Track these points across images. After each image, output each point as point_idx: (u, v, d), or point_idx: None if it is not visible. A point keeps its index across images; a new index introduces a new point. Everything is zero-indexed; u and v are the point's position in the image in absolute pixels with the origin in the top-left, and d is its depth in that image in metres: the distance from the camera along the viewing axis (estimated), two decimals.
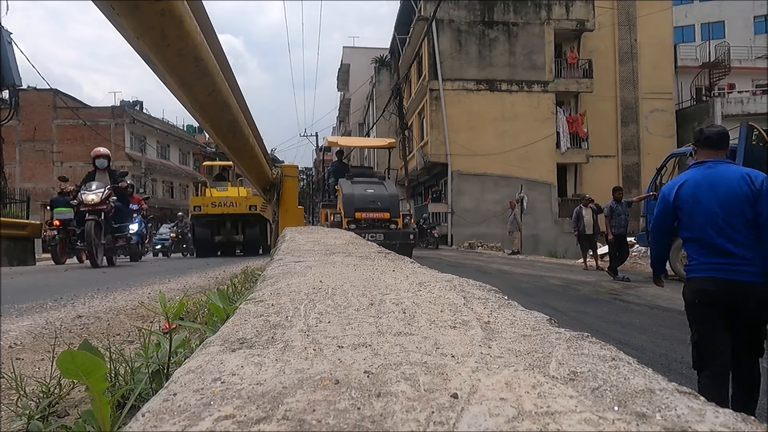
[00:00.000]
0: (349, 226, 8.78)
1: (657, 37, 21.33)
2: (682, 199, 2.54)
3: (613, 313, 5.93)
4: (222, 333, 0.73)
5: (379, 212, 9.43)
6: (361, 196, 9.56)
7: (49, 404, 1.17)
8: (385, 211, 9.55)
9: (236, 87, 2.95)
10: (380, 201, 9.60)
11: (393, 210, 9.71)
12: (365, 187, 9.89)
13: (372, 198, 9.60)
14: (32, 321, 2.58)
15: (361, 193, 9.64)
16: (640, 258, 12.66)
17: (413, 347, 0.65)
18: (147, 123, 34.07)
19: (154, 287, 4.31)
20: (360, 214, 9.32)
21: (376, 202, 9.53)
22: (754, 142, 8.43)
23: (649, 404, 0.45)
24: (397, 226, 9.57)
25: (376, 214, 9.41)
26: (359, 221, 9.25)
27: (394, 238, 9.11)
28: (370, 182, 10.43)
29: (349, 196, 9.55)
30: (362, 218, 9.30)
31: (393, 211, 9.70)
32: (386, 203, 9.69)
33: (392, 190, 10.36)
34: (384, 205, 9.62)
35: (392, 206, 9.74)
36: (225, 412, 0.45)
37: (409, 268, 1.53)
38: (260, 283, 1.32)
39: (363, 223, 9.30)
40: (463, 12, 20.20)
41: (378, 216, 9.42)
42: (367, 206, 9.41)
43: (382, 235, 8.94)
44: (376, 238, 8.50)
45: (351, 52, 38.56)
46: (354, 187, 9.85)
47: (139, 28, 1.59)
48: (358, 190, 9.71)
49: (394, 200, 9.94)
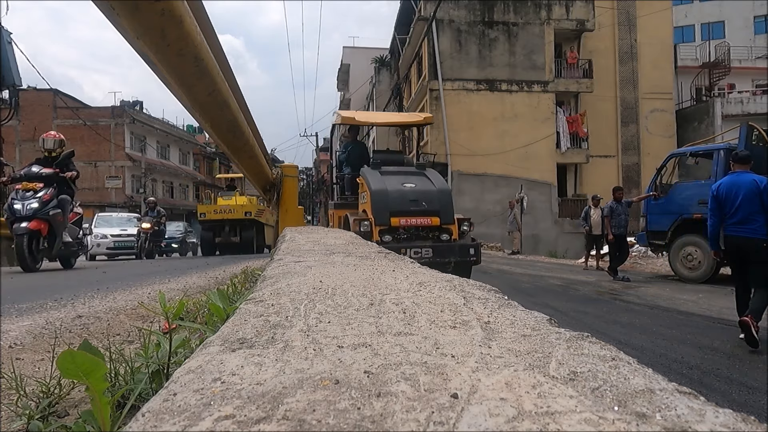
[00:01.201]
0: (382, 237, 6.07)
1: (657, 37, 21.32)
2: (721, 193, 4.47)
3: (613, 313, 5.93)
4: (222, 333, 0.73)
5: (425, 216, 6.41)
6: (398, 193, 6.50)
7: (49, 404, 1.17)
8: (434, 214, 6.43)
9: (236, 87, 2.96)
10: (426, 200, 6.49)
11: (445, 213, 6.52)
12: (402, 181, 6.79)
13: (414, 196, 6.52)
14: (32, 321, 2.58)
15: (398, 189, 6.56)
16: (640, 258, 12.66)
17: (413, 347, 0.65)
18: (147, 123, 34.06)
19: (154, 287, 4.30)
20: (398, 219, 6.29)
21: (420, 203, 6.47)
22: (754, 142, 8.43)
23: (649, 404, 0.45)
24: (451, 237, 6.44)
25: (421, 220, 6.41)
26: (397, 230, 6.31)
27: (448, 254, 6.24)
28: (406, 173, 7.22)
29: (380, 194, 6.45)
30: (402, 226, 6.32)
31: (445, 215, 6.50)
32: (435, 203, 6.51)
33: (441, 183, 7.02)
34: (432, 206, 6.49)
35: (444, 208, 6.55)
36: (225, 412, 0.45)
37: (409, 268, 1.53)
38: (260, 283, 1.32)
39: (402, 233, 6.34)
40: (463, 12, 20.19)
41: (424, 222, 6.42)
42: (407, 209, 6.36)
43: (429, 251, 6.11)
44: (422, 254, 5.89)
45: (351, 52, 38.55)
46: (386, 180, 6.70)
47: (139, 28, 1.60)
48: (393, 185, 6.61)
49: (445, 198, 6.71)
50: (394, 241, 6.09)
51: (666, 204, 9.38)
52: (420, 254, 5.92)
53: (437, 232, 6.49)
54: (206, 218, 15.42)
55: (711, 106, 20.89)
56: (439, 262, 5.72)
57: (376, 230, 6.20)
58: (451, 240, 6.48)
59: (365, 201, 6.79)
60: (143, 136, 33.40)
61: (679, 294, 7.42)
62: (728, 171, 8.19)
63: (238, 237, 15.53)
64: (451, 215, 6.59)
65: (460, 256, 6.35)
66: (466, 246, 6.50)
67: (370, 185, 6.62)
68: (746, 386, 3.27)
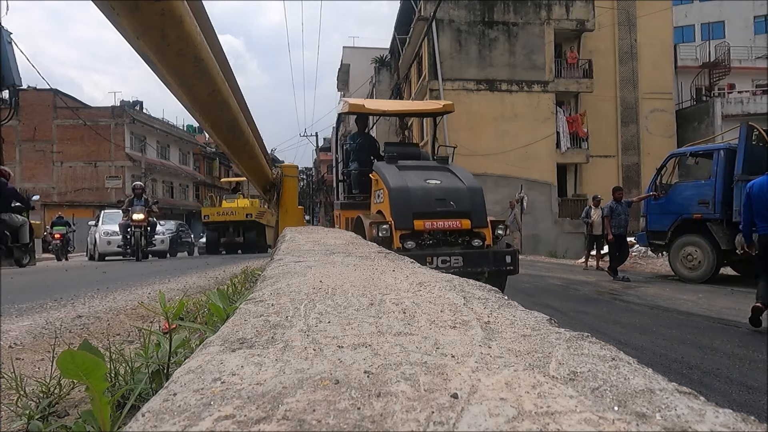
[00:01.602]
0: (404, 244, 5.21)
1: (657, 37, 21.32)
2: (754, 193, 5.00)
3: (613, 313, 5.93)
4: (222, 333, 0.73)
5: (453, 219, 5.50)
6: (421, 192, 5.59)
7: (49, 404, 1.17)
8: (464, 216, 5.53)
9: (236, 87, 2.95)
10: (455, 200, 5.56)
11: (477, 215, 5.61)
12: (424, 176, 5.83)
13: (440, 194, 5.60)
14: (32, 321, 2.58)
15: (421, 186, 5.64)
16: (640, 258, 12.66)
17: (413, 347, 0.65)
18: (147, 123, 34.06)
19: (154, 287, 4.30)
20: (422, 222, 5.40)
21: (447, 202, 5.56)
22: (754, 142, 8.43)
23: (649, 404, 0.45)
24: (484, 243, 5.52)
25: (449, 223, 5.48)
26: (421, 235, 5.42)
27: (481, 262, 5.36)
28: (427, 168, 6.27)
29: (401, 193, 5.54)
30: (427, 230, 5.42)
31: (477, 217, 5.59)
32: (465, 203, 5.58)
33: (470, 180, 6.00)
34: (462, 206, 5.58)
35: (475, 208, 5.64)
36: (225, 412, 0.45)
37: (409, 268, 1.53)
38: (260, 283, 1.32)
39: (428, 237, 5.44)
40: (463, 12, 20.19)
41: (453, 225, 5.49)
42: (433, 209, 5.46)
43: (459, 259, 5.23)
44: (451, 263, 5.08)
45: (351, 52, 38.55)
46: (405, 176, 5.76)
47: (139, 28, 1.59)
48: (414, 182, 5.69)
49: (477, 198, 5.76)
50: (417, 248, 5.19)
51: (666, 204, 9.38)
52: (448, 263, 5.08)
53: (467, 236, 5.52)
54: (210, 220, 16.64)
55: (711, 106, 20.89)
56: (470, 272, 4.93)
57: (396, 235, 5.21)
58: (484, 246, 5.49)
59: (381, 201, 5.74)
60: (143, 136, 33.40)
61: (679, 294, 7.42)
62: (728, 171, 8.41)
63: (242, 237, 16.66)
64: (483, 217, 5.61)
65: (494, 264, 5.40)
66: (501, 253, 5.49)
67: (388, 182, 5.54)
68: (746, 386, 3.27)
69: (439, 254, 5.16)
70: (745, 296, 7.13)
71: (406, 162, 6.28)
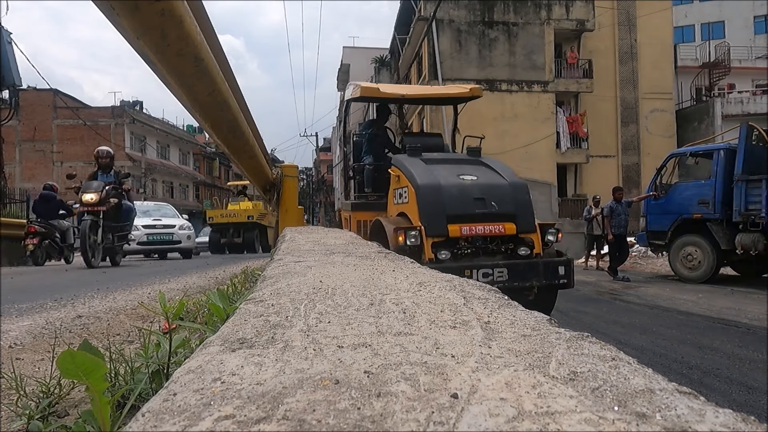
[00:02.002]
0: (437, 254, 4.29)
1: (657, 37, 21.32)
2: None
3: (613, 313, 5.93)
4: (222, 333, 0.73)
5: (495, 222, 4.51)
6: (456, 190, 4.56)
7: (49, 404, 1.17)
8: (508, 219, 4.53)
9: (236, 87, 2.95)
10: (497, 199, 4.56)
11: (524, 217, 4.61)
12: (456, 171, 4.79)
13: (479, 193, 4.57)
14: (32, 321, 2.58)
15: (455, 183, 4.61)
16: (640, 258, 12.66)
17: (413, 347, 0.65)
18: (147, 123, 34.06)
19: (154, 287, 4.30)
20: (458, 227, 4.41)
21: (487, 203, 4.56)
22: (754, 142, 8.43)
23: (649, 404, 0.45)
24: (532, 251, 4.54)
25: (490, 227, 4.49)
26: (456, 242, 4.43)
27: (529, 275, 4.39)
28: (457, 161, 5.20)
29: (431, 191, 4.53)
30: (464, 236, 4.43)
31: (524, 220, 4.59)
32: (508, 204, 4.60)
33: (511, 175, 4.97)
34: (505, 207, 4.56)
35: (521, 210, 4.63)
36: (225, 412, 0.45)
37: (409, 268, 1.53)
38: (260, 283, 1.32)
39: (465, 246, 4.45)
40: (463, 12, 20.19)
41: (495, 230, 4.50)
42: (471, 211, 4.47)
43: (504, 271, 4.28)
44: (494, 277, 4.18)
45: (351, 52, 38.55)
46: (434, 171, 4.74)
47: (139, 28, 1.59)
48: (447, 178, 4.66)
49: (522, 197, 4.74)
50: (453, 259, 4.21)
51: (666, 204, 9.38)
52: (491, 277, 4.11)
53: (511, 243, 4.47)
54: (214, 221, 17.67)
55: (711, 106, 20.89)
56: (517, 286, 4.14)
57: (428, 243, 4.17)
58: (533, 255, 4.45)
59: (405, 201, 4.70)
60: (143, 136, 33.40)
61: (679, 294, 7.42)
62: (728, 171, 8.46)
63: (241, 238, 17.48)
64: (531, 220, 4.58)
65: (545, 277, 4.36)
66: (553, 263, 4.44)
67: (415, 178, 4.51)
68: (746, 386, 3.27)
69: (480, 266, 4.15)
70: (745, 296, 7.14)
71: (432, 155, 5.20)
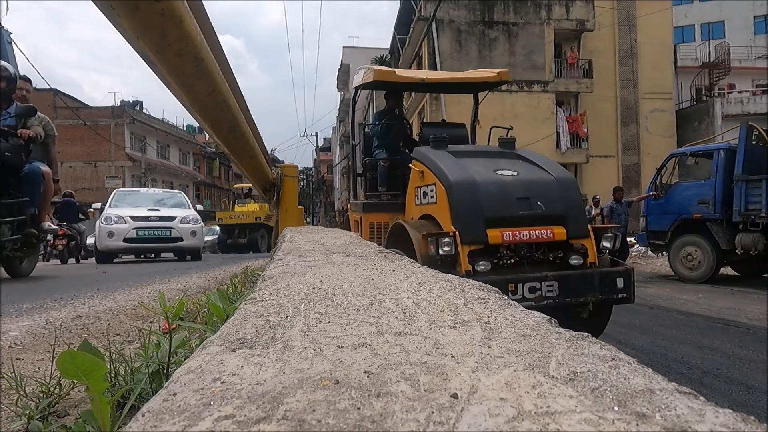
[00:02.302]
0: (475, 265, 3.47)
1: (657, 37, 21.33)
2: None
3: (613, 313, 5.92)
4: (222, 333, 0.73)
5: (542, 226, 3.73)
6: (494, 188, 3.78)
7: (49, 404, 1.17)
8: (557, 223, 3.77)
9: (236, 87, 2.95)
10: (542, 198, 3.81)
11: (575, 219, 3.83)
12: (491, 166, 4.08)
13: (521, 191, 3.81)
14: (32, 321, 2.58)
15: (494, 179, 3.85)
16: (640, 258, 12.67)
17: (413, 347, 0.65)
18: (147, 123, 34.06)
19: (154, 287, 4.30)
20: (499, 232, 3.60)
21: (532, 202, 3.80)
22: (754, 142, 8.43)
23: (649, 404, 0.45)
24: (585, 260, 3.74)
25: (537, 232, 3.71)
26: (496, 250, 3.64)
27: (583, 289, 3.66)
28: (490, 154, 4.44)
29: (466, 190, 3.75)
30: (506, 243, 3.62)
31: (575, 222, 3.80)
32: (557, 204, 3.79)
33: (558, 169, 4.13)
34: (554, 208, 3.77)
35: (572, 211, 3.86)
36: (225, 412, 0.45)
37: (409, 268, 1.53)
38: (260, 283, 1.32)
39: (506, 254, 3.66)
40: (463, 12, 20.20)
41: (542, 236, 3.71)
42: (514, 213, 3.71)
43: (554, 285, 3.55)
44: (542, 292, 3.53)
45: (351, 52, 38.58)
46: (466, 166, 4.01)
47: (139, 28, 1.59)
48: (482, 174, 3.90)
49: (572, 195, 3.95)
50: (494, 271, 3.44)
51: (666, 204, 9.38)
52: (539, 292, 3.41)
53: (560, 251, 3.67)
54: (223, 222, 18.71)
55: (711, 106, 20.89)
56: (569, 303, 3.50)
57: (464, 252, 3.39)
58: (587, 264, 3.67)
59: (432, 201, 3.97)
60: (143, 136, 33.40)
61: (679, 294, 7.43)
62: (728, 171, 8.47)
63: (245, 239, 18.37)
64: (583, 223, 3.85)
65: (601, 291, 3.62)
66: (610, 275, 3.69)
67: (445, 173, 3.77)
68: (746, 386, 3.27)
69: (527, 279, 3.40)
70: (745, 296, 7.14)
71: (459, 147, 4.53)
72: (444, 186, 3.77)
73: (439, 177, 3.86)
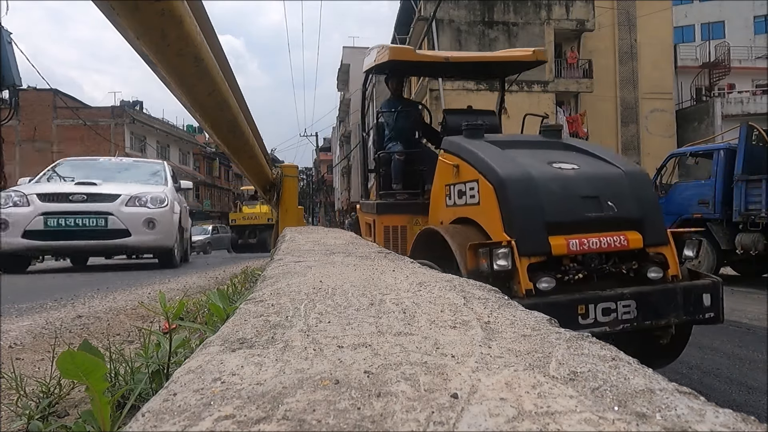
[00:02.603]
0: (537, 283, 2.61)
1: (657, 37, 21.33)
2: None
3: None
4: (222, 333, 0.73)
5: (614, 232, 2.81)
6: (555, 184, 2.86)
7: (49, 404, 1.17)
8: (631, 227, 2.87)
9: (236, 87, 2.95)
10: (612, 197, 2.88)
11: (651, 223, 2.94)
12: (544, 158, 3.15)
13: (587, 188, 2.90)
14: (32, 321, 2.58)
15: (551, 175, 2.93)
16: None
17: (413, 347, 0.65)
18: (147, 123, 34.06)
19: (154, 287, 4.30)
20: (564, 240, 2.71)
21: (602, 202, 2.86)
22: (754, 142, 8.43)
23: (649, 404, 0.45)
24: (665, 272, 2.86)
25: (608, 238, 2.78)
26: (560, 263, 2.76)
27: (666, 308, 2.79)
28: (536, 144, 3.57)
29: (521, 187, 2.83)
30: (572, 252, 2.72)
31: (652, 227, 2.92)
32: (629, 204, 2.89)
33: (625, 162, 3.27)
34: (626, 209, 2.88)
35: (648, 212, 2.95)
36: (225, 412, 0.45)
37: (409, 268, 1.53)
38: (260, 283, 1.32)
39: (573, 267, 2.76)
40: (463, 12, 20.21)
41: (614, 243, 2.78)
42: (581, 215, 2.81)
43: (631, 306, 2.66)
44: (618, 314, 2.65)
45: (351, 52, 38.55)
46: (516, 158, 3.10)
47: (139, 29, 1.59)
48: (538, 168, 2.96)
49: (645, 191, 3.07)
50: (560, 289, 2.74)
51: (666, 204, 9.37)
52: (614, 314, 2.71)
53: (633, 261, 2.94)
54: (236, 223, 19.93)
55: (711, 106, 20.89)
56: (649, 326, 2.82)
57: (523, 266, 2.69)
58: (668, 278, 2.95)
59: (472, 201, 3.21)
60: (143, 136, 33.40)
61: None
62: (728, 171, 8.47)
63: (255, 239, 19.32)
64: (661, 227, 3.10)
65: (685, 311, 2.92)
66: (696, 290, 2.98)
67: (492, 167, 3.02)
68: (746, 386, 3.27)
69: (599, 299, 2.70)
70: (745, 296, 7.13)
71: (499, 136, 3.98)
72: (491, 183, 2.98)
73: (484, 172, 3.08)
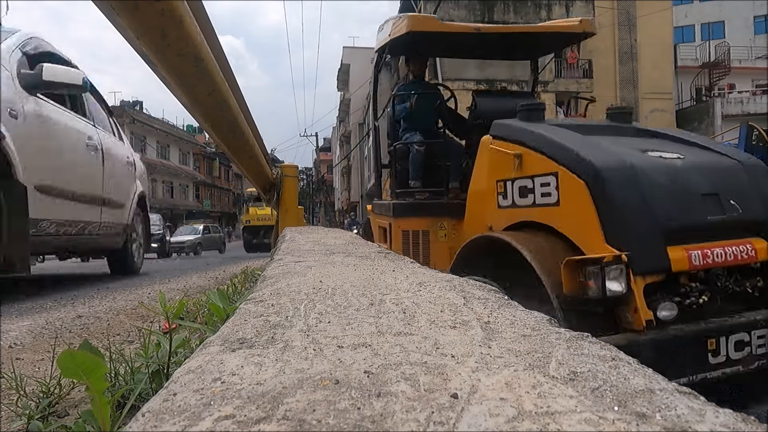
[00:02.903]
0: (657, 309, 1.98)
1: (657, 37, 21.33)
2: None
3: None
4: (222, 333, 0.73)
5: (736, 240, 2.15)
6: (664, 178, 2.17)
7: (49, 404, 1.17)
8: (754, 231, 2.26)
9: (236, 87, 2.96)
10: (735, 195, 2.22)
11: None
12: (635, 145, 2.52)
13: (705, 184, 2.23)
14: (32, 321, 2.58)
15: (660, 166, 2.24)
16: None
17: (413, 347, 0.65)
18: (147, 123, 34.07)
19: (154, 287, 4.30)
20: (684, 252, 2.05)
21: (723, 201, 2.19)
22: (754, 142, 8.44)
23: (649, 404, 0.45)
24: None
25: (732, 248, 2.09)
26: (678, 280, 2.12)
27: None
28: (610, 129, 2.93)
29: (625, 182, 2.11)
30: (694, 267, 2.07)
31: None
32: (752, 202, 2.27)
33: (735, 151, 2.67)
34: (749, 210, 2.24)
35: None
36: (225, 412, 0.45)
37: (409, 268, 1.53)
38: (260, 283, 1.32)
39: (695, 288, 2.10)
40: (463, 12, 20.22)
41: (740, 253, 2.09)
42: (702, 219, 2.15)
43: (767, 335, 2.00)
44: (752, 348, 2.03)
45: (351, 52, 38.54)
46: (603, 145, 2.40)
47: (139, 29, 1.59)
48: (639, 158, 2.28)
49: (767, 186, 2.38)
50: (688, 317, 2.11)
51: None
52: (748, 348, 2.09)
53: (758, 277, 2.31)
54: (251, 224, 20.51)
55: (711, 106, 20.90)
56: None
57: (639, 289, 2.02)
58: None
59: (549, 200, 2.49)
60: (143, 136, 33.41)
61: None
62: None
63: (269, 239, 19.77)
64: None
65: None
66: None
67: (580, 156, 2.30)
68: None
69: (729, 329, 2.11)
70: None
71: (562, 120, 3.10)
72: (581, 177, 2.28)
73: (567, 163, 2.38)
